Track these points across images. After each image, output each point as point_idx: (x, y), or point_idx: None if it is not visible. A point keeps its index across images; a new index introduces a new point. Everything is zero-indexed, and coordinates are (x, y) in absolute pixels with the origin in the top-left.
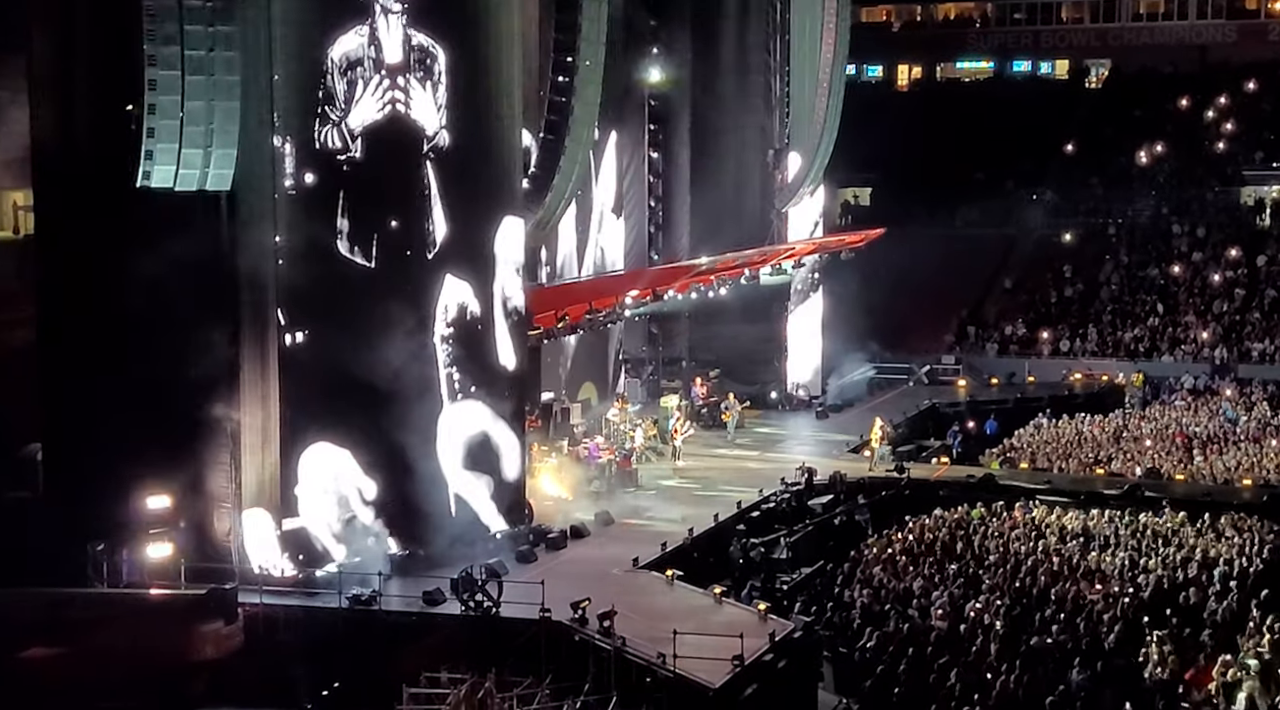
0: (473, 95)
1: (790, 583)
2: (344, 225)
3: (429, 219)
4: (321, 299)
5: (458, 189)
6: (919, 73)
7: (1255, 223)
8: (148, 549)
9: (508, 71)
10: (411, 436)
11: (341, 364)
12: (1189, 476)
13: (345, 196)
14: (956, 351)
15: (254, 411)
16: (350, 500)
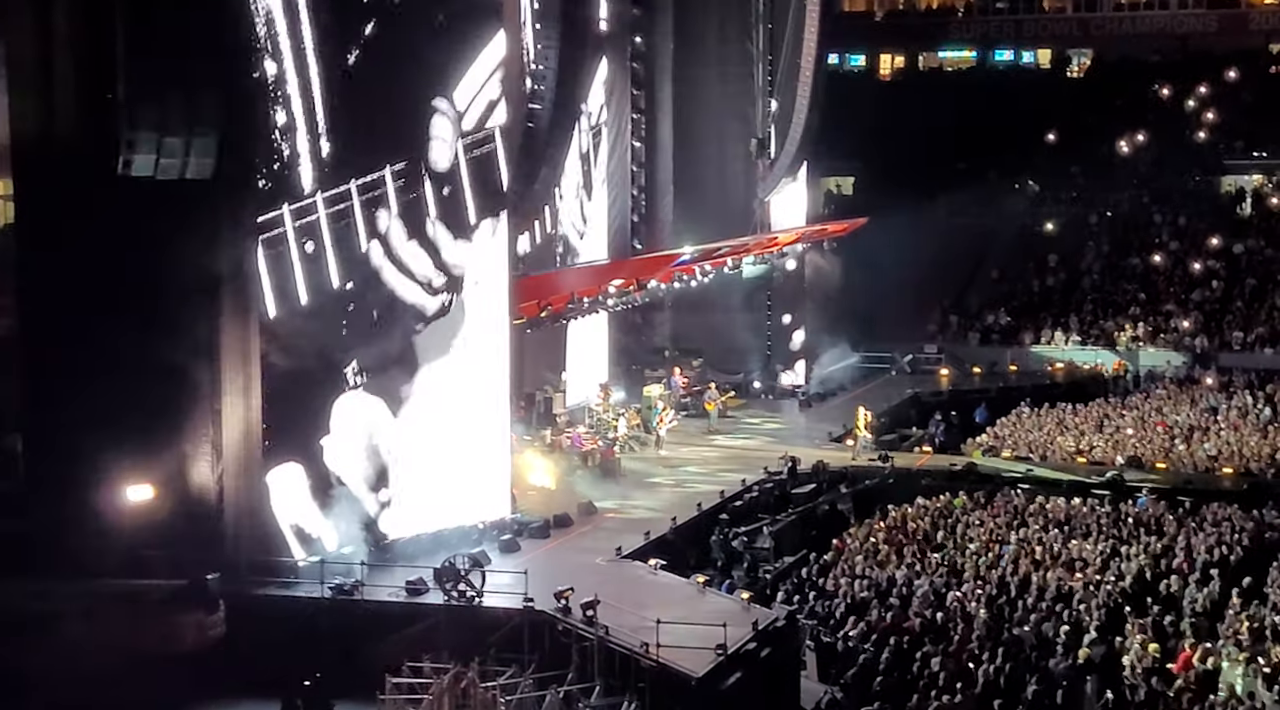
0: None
1: (773, 572)
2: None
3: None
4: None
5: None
6: (901, 62)
7: (1236, 212)
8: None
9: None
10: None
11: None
12: (1170, 465)
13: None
14: (939, 340)
15: (235, 400)
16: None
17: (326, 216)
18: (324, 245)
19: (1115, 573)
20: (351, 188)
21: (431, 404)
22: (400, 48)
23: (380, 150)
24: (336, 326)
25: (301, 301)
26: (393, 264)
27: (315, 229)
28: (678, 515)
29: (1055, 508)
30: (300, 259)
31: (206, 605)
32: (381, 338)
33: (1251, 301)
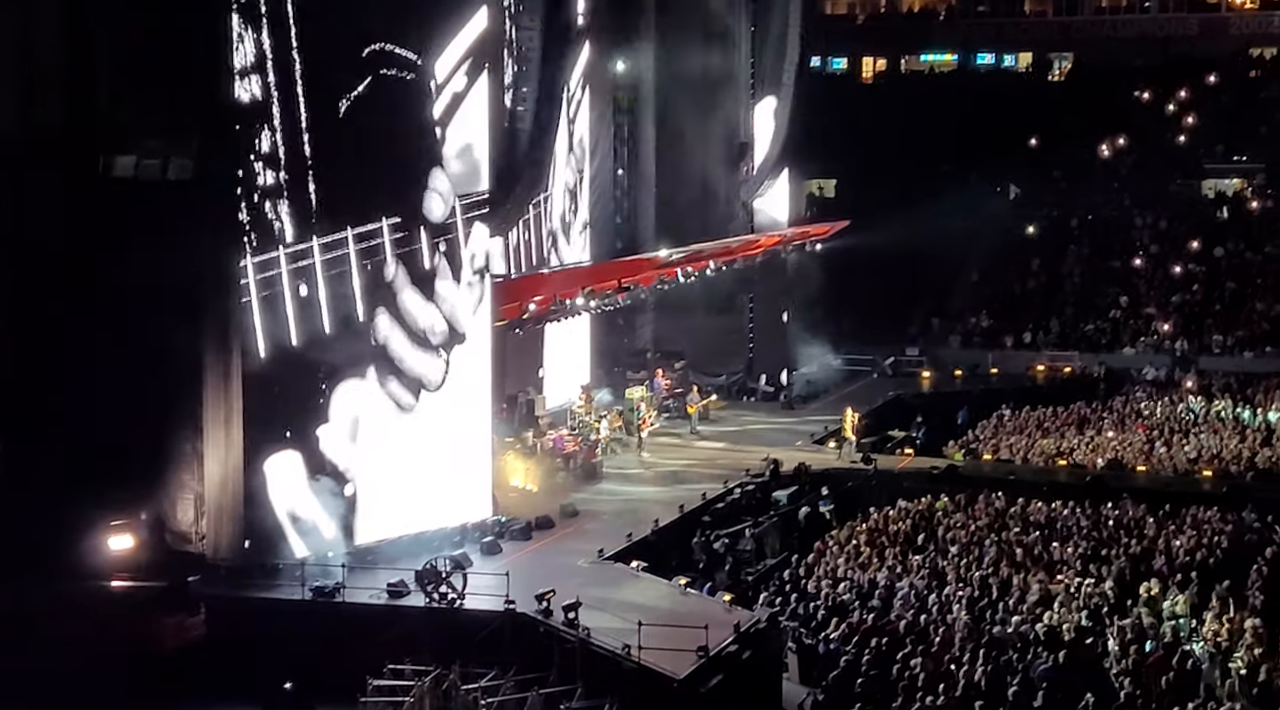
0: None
1: (755, 574)
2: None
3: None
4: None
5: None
6: (883, 65)
7: (1216, 215)
8: (109, 541)
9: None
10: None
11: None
12: (1150, 468)
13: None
14: (920, 343)
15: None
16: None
17: (321, 262)
18: (317, 289)
19: (1096, 575)
20: (348, 235)
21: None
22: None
23: (373, 200)
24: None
25: (292, 343)
26: (395, 320)
27: (310, 273)
28: (660, 517)
29: (1036, 510)
30: (292, 300)
31: (187, 607)
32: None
33: (1231, 305)
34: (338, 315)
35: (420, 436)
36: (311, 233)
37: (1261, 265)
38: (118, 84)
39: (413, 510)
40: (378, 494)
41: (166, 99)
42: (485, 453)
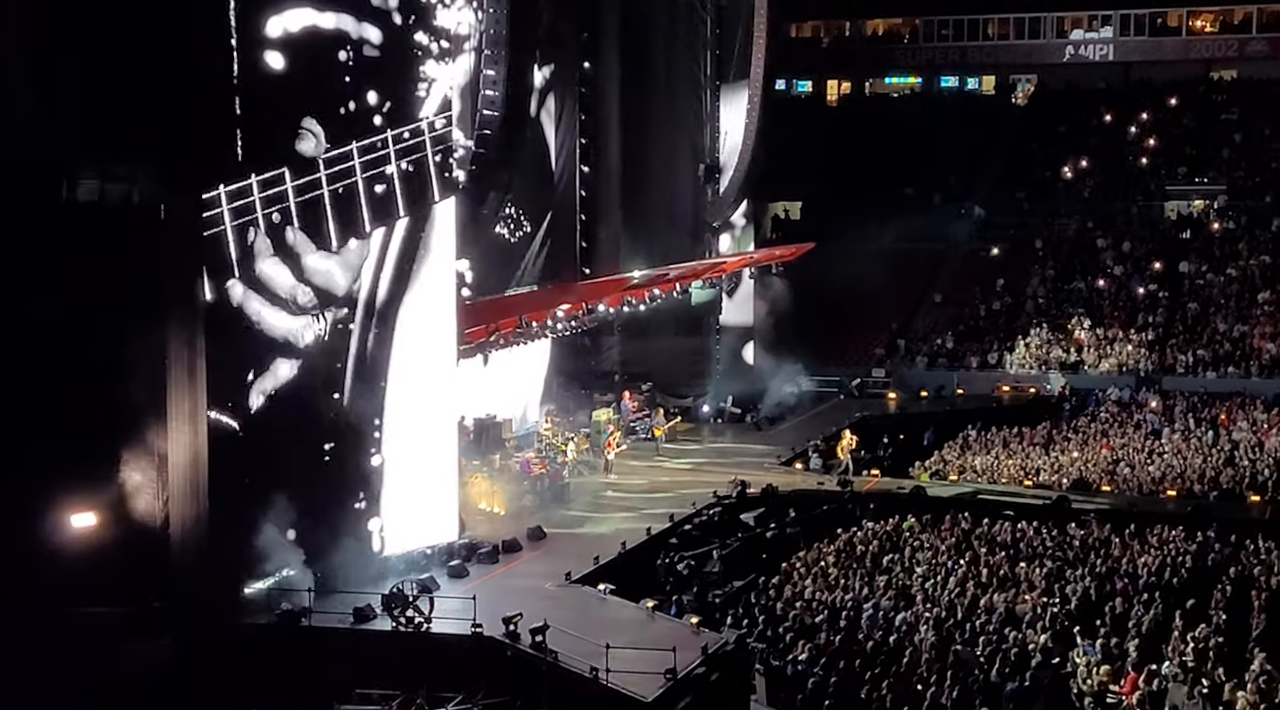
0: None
1: (722, 595)
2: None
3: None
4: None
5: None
6: (848, 88)
7: (1178, 236)
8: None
9: None
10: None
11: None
12: (1115, 487)
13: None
14: (886, 364)
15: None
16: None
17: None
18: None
19: (1061, 595)
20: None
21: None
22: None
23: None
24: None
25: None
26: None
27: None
28: (627, 540)
29: (1002, 530)
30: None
31: (152, 632)
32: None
33: (1194, 325)
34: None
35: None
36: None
37: (1223, 286)
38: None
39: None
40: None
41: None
42: (451, 476)
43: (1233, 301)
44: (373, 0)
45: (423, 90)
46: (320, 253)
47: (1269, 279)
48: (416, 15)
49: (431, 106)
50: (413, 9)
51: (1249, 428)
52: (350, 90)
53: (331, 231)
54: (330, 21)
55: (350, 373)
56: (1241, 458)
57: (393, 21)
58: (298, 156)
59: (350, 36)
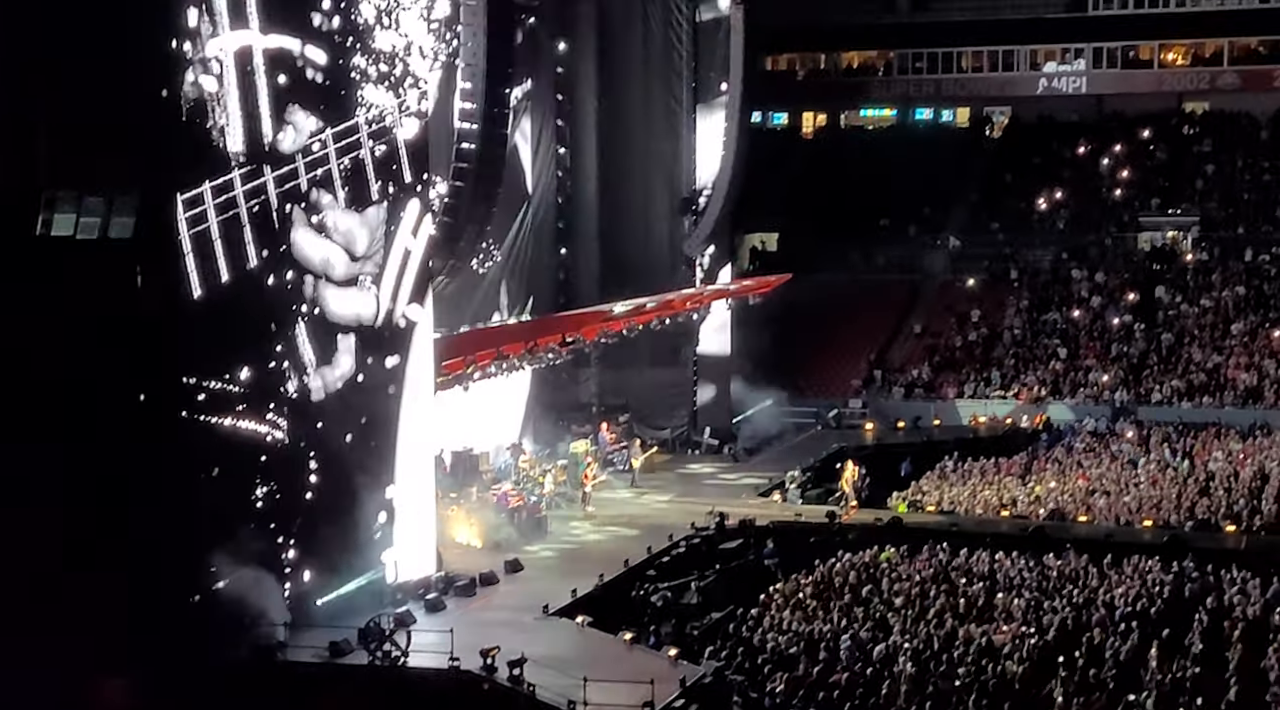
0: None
1: (700, 627)
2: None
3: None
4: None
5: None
6: (823, 120)
7: (1152, 268)
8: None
9: None
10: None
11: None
12: (1091, 518)
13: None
14: (863, 395)
15: None
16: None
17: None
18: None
19: (1039, 625)
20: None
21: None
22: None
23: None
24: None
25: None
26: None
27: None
28: (605, 572)
29: (979, 561)
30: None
31: (124, 666)
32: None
33: (1168, 356)
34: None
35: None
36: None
37: (1197, 316)
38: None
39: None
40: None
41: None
42: (429, 508)
43: (1207, 332)
44: (314, 21)
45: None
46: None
47: (1243, 310)
48: (354, 37)
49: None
50: (350, 30)
51: (1224, 458)
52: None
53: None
54: (272, 43)
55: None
56: (1217, 488)
57: (333, 43)
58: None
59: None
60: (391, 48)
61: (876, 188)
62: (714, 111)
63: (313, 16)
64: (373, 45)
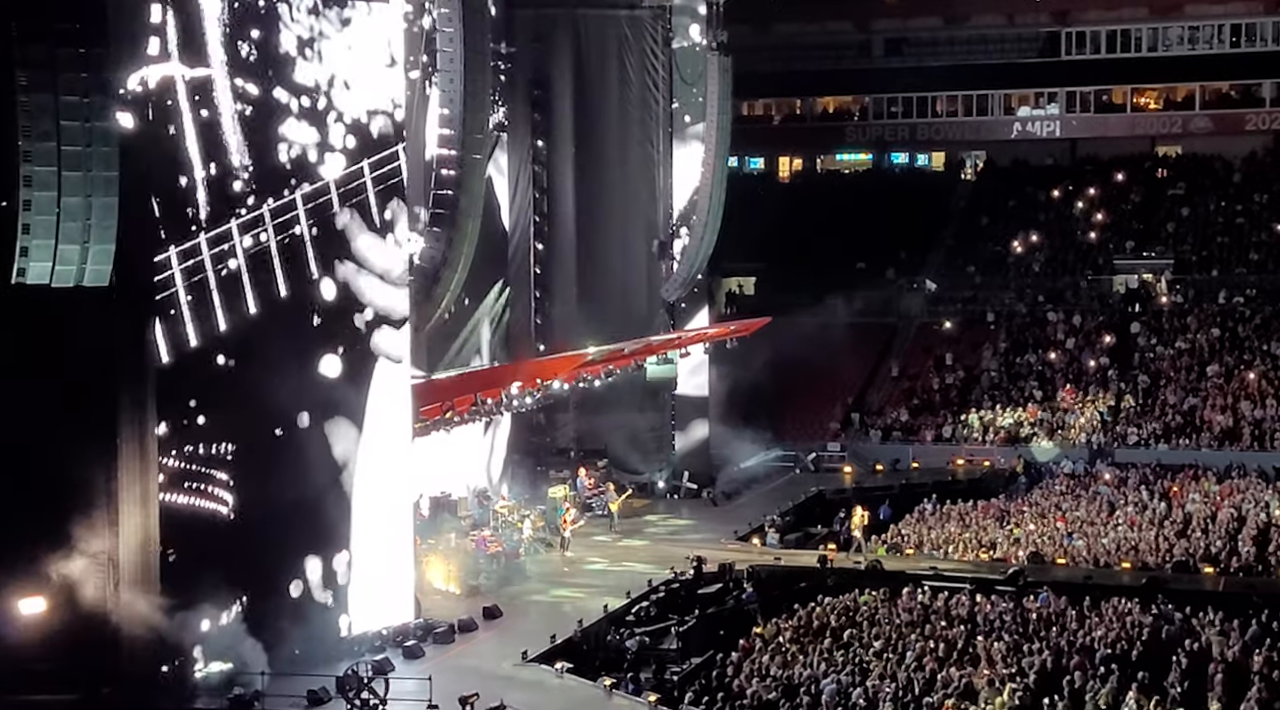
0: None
1: (681, 673)
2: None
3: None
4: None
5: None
6: (799, 164)
7: (1127, 310)
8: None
9: None
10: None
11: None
12: (1070, 561)
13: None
14: (842, 439)
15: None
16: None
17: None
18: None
19: (1019, 668)
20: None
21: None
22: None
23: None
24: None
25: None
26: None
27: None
28: (584, 617)
29: (959, 604)
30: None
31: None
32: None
33: (1144, 398)
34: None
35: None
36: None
37: (1173, 359)
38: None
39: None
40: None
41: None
42: (407, 555)
43: (1183, 374)
44: (241, 53)
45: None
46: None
47: (1218, 351)
48: (274, 70)
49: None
50: (270, 63)
51: (1201, 499)
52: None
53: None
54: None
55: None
56: (1194, 530)
57: (254, 75)
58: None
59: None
60: (314, 82)
61: (853, 231)
62: (689, 149)
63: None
64: (293, 78)
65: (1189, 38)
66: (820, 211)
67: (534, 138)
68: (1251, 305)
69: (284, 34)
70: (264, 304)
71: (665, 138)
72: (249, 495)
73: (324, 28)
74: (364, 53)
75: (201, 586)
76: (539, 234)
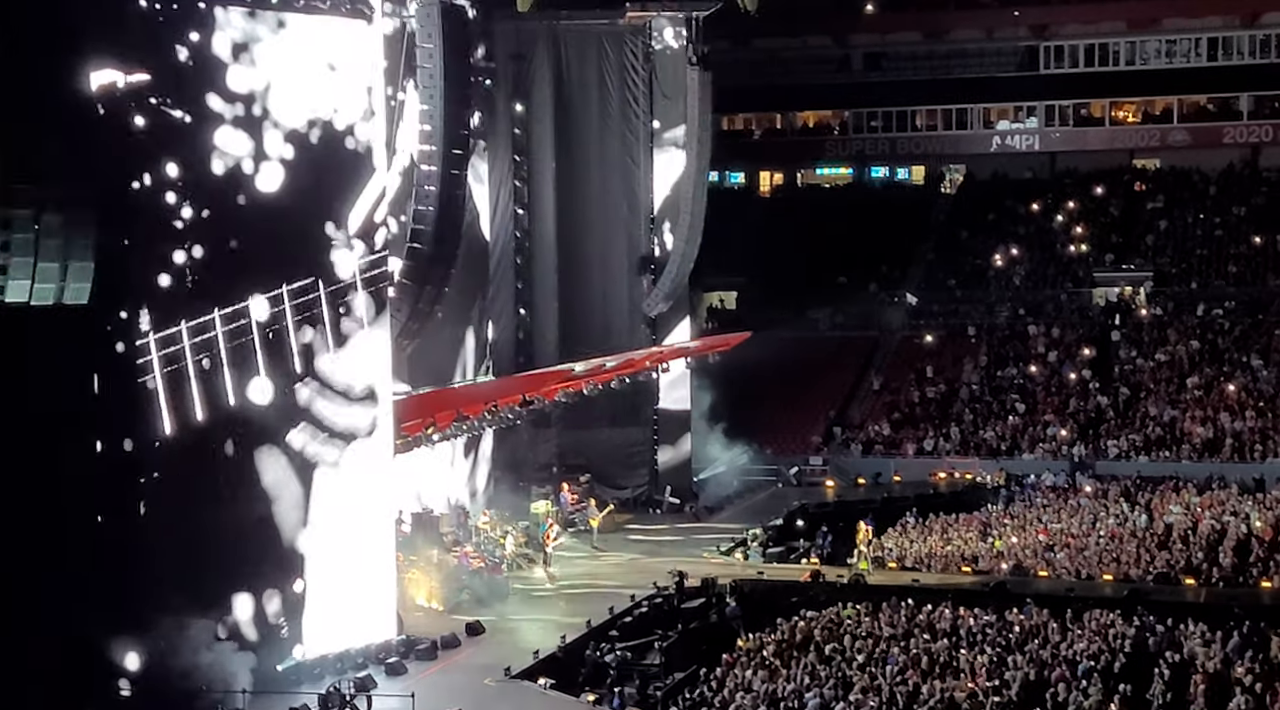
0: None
1: (663, 688)
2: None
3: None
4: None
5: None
6: (780, 179)
7: (1107, 323)
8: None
9: None
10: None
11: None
12: (1052, 573)
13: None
14: (824, 452)
15: None
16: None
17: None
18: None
19: (1002, 681)
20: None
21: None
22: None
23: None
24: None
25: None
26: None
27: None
28: (567, 633)
29: (942, 617)
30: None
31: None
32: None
33: (1125, 410)
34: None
35: (320, 555)
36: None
37: (1153, 371)
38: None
39: (316, 632)
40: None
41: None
42: (389, 571)
43: (1163, 386)
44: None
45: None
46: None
47: (1198, 363)
48: (207, 74)
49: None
50: (203, 67)
51: (1182, 511)
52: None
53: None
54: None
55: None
56: (1175, 541)
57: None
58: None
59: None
60: (249, 89)
61: (834, 245)
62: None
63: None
64: (226, 84)
65: (1166, 51)
66: (801, 226)
67: (514, 152)
68: (1230, 317)
69: (217, 37)
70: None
71: (646, 152)
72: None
73: (259, 31)
74: (300, 58)
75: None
76: (520, 249)
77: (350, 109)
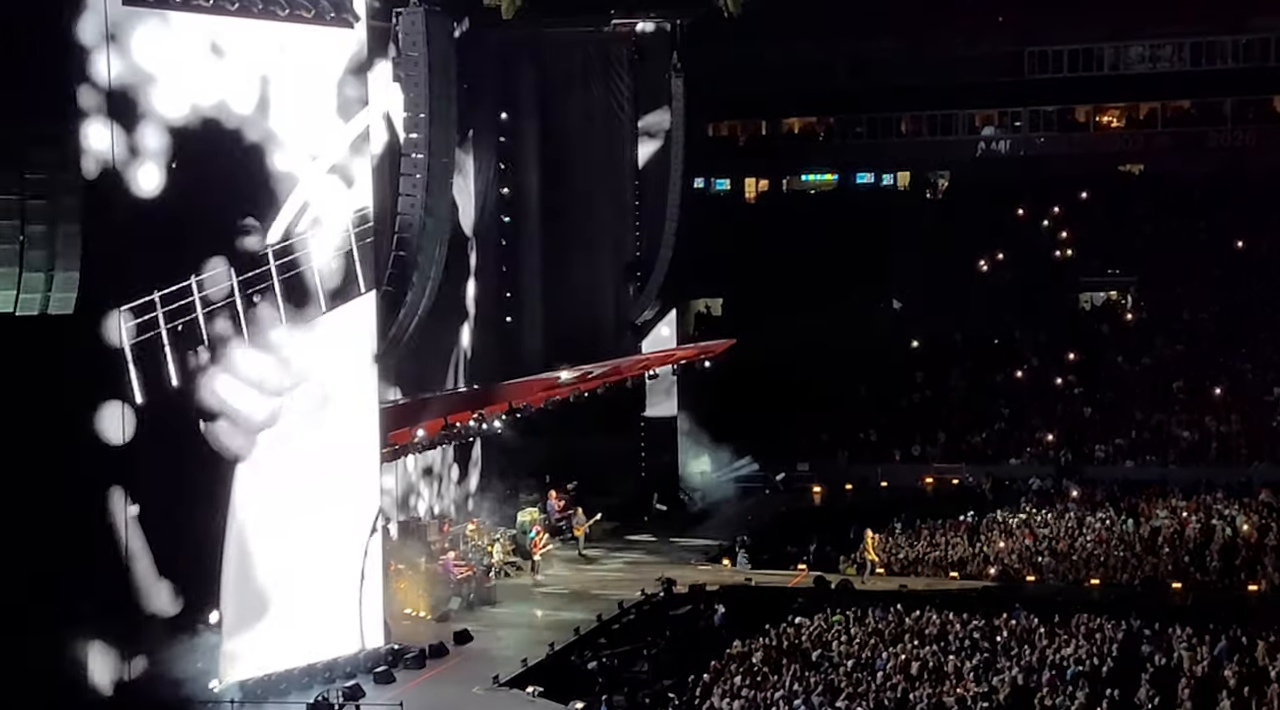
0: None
1: (652, 695)
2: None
3: None
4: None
5: None
6: (765, 185)
7: (1093, 328)
8: None
9: None
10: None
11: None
12: (1039, 577)
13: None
14: (810, 458)
15: None
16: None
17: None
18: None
19: (990, 686)
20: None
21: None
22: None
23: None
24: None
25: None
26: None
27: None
28: (555, 641)
29: (929, 623)
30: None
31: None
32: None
33: (1110, 414)
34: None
35: (307, 564)
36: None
37: (1139, 375)
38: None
39: (304, 641)
40: (263, 624)
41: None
42: (376, 580)
43: (1148, 390)
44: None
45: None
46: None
47: (1183, 368)
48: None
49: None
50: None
51: (1168, 515)
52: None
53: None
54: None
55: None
56: (1162, 545)
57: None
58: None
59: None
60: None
61: (819, 251)
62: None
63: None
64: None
65: (1150, 57)
66: (787, 232)
67: (499, 159)
68: (1215, 321)
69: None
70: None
71: (630, 158)
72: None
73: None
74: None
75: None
76: (505, 256)
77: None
